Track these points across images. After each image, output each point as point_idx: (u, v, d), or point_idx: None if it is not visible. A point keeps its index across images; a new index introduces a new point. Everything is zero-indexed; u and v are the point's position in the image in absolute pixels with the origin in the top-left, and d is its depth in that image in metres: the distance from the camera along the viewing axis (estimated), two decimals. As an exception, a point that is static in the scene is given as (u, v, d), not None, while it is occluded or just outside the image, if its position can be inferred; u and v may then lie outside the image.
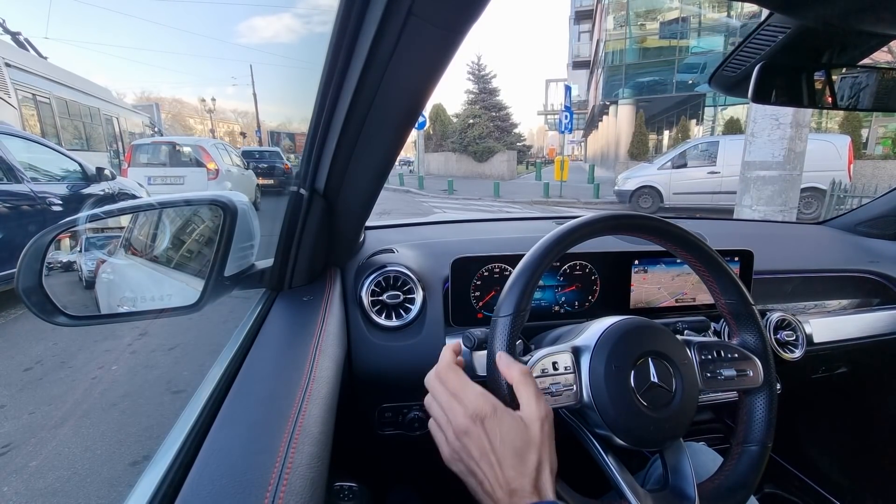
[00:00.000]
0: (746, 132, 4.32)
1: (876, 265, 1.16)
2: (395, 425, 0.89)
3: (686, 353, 0.57)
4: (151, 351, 2.79)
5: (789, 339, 0.95)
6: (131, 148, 7.64)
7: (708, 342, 0.61)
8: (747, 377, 0.59)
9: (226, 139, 20.99)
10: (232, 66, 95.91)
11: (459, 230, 1.25)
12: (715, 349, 0.60)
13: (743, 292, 0.61)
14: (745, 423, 0.60)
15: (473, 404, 0.45)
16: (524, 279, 0.53)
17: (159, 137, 8.91)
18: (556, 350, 0.55)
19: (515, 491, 0.41)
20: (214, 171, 7.10)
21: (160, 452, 0.41)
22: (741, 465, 0.58)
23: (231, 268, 0.70)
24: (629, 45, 17.64)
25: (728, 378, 0.59)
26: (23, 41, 8.75)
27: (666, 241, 0.61)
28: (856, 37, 0.64)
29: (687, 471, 0.53)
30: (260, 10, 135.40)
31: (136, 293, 0.88)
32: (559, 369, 0.54)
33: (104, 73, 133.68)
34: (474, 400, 0.45)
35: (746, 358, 0.60)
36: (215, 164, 7.16)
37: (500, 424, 0.43)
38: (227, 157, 7.84)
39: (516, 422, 0.44)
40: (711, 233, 1.13)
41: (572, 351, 0.56)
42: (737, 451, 0.59)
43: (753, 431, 0.59)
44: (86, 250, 0.85)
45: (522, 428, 0.44)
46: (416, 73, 0.52)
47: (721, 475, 0.58)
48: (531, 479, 0.42)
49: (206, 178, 7.01)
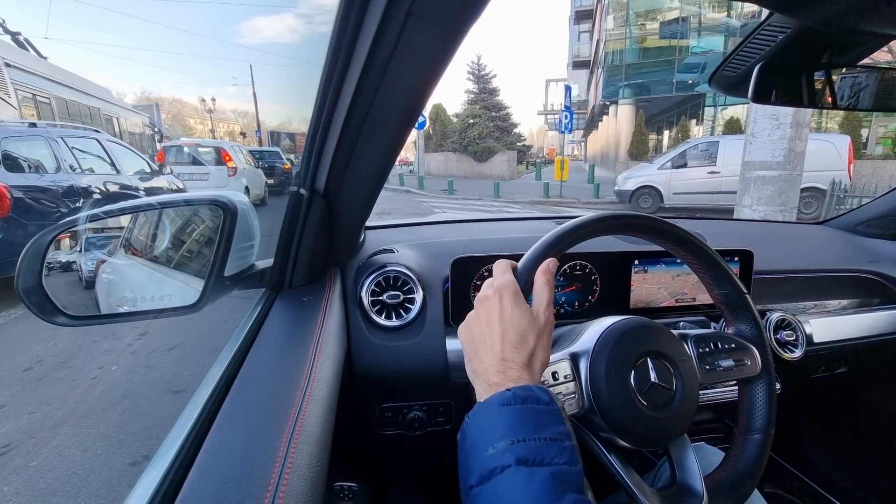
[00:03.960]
0: (746, 132, 4.31)
1: (876, 265, 1.16)
2: (395, 425, 0.89)
3: (685, 351, 0.57)
4: (151, 351, 2.79)
5: (789, 339, 0.95)
6: (162, 150, 8.59)
7: (705, 335, 0.61)
8: (746, 366, 0.59)
9: (226, 139, 21.10)
10: (232, 66, 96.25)
11: (459, 230, 1.25)
12: (712, 341, 0.60)
13: (735, 282, 0.61)
14: (746, 413, 0.60)
15: (500, 280, 0.49)
16: None
17: (185, 140, 9.58)
18: (555, 359, 0.55)
19: (507, 360, 0.43)
20: (233, 168, 7.84)
21: (160, 452, 0.41)
22: (745, 455, 0.58)
23: (231, 268, 0.70)
24: (629, 45, 17.62)
25: (727, 369, 0.59)
26: (23, 41, 8.77)
27: (658, 238, 0.61)
28: (856, 37, 0.64)
29: (693, 466, 0.53)
30: (261, 11, 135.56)
31: (136, 293, 0.88)
32: (559, 378, 0.54)
33: (104, 72, 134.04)
34: (502, 278, 0.49)
35: (743, 347, 0.60)
36: (234, 163, 7.91)
37: (515, 304, 0.46)
38: (242, 157, 8.71)
39: (528, 310, 0.47)
40: (711, 233, 1.13)
41: (570, 357, 0.55)
42: (740, 441, 0.59)
43: (755, 420, 0.59)
44: (86, 250, 0.85)
45: (531, 316, 0.46)
46: (416, 73, 0.52)
47: (727, 466, 0.58)
48: (525, 357, 0.44)
49: (226, 175, 7.72)
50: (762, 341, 0.61)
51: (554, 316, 0.48)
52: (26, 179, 3.80)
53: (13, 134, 3.93)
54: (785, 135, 4.01)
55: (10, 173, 3.66)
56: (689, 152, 8.93)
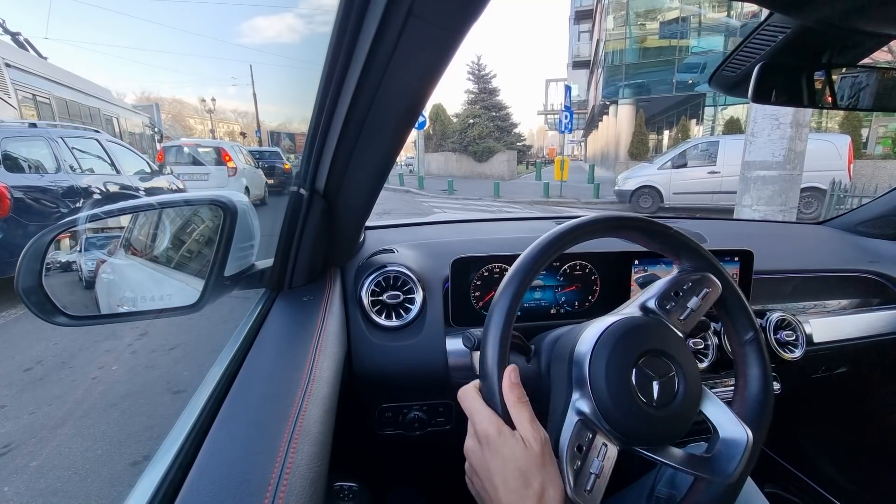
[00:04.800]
0: (746, 132, 4.30)
1: (876, 265, 1.16)
2: (395, 425, 0.89)
3: (685, 347, 0.56)
4: (152, 351, 2.79)
5: (789, 339, 0.95)
6: (162, 150, 8.59)
7: (662, 290, 0.59)
8: (710, 291, 0.59)
9: (226, 139, 21.12)
10: (232, 67, 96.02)
11: (459, 230, 1.25)
12: (671, 291, 0.59)
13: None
14: (731, 326, 0.62)
15: (481, 425, 0.45)
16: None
17: (186, 140, 9.59)
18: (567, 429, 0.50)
19: None
20: (234, 168, 7.85)
21: (160, 452, 0.41)
22: (750, 371, 0.59)
23: (231, 268, 0.70)
24: (629, 45, 17.61)
25: (697, 306, 0.58)
26: (23, 41, 8.79)
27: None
28: (856, 37, 0.63)
29: (728, 415, 0.55)
30: (261, 11, 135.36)
31: (137, 293, 0.88)
32: (583, 450, 0.48)
33: (105, 73, 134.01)
34: (481, 421, 0.45)
35: (699, 279, 0.59)
36: (234, 163, 7.91)
37: (504, 445, 0.43)
38: (242, 157, 8.72)
39: (519, 443, 0.43)
40: (711, 233, 1.13)
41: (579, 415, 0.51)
42: (740, 354, 0.61)
43: (740, 326, 0.61)
44: (85, 250, 0.85)
45: (524, 449, 0.43)
46: (415, 73, 0.52)
47: (739, 397, 0.60)
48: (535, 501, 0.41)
49: (226, 175, 7.71)
50: (706, 258, 0.60)
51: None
52: (26, 180, 3.83)
53: (13, 134, 3.94)
54: (785, 135, 4.01)
55: (10, 173, 3.67)
56: (689, 152, 8.95)
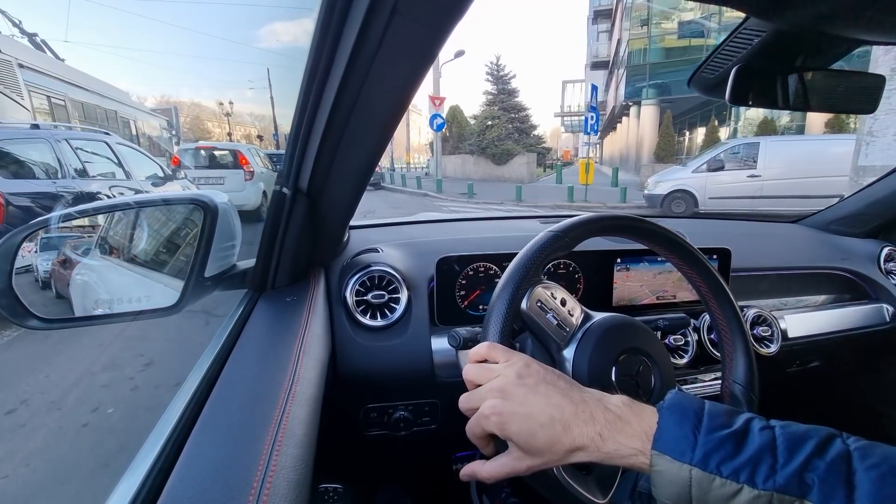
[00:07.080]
0: (861, 131, 3.70)
1: (847, 262, 1.20)
2: (381, 425, 0.88)
3: (663, 348, 0.59)
4: (155, 387, 2.32)
5: (765, 335, 0.98)
6: (177, 153, 8.40)
7: None
8: None
9: (243, 142, 20.59)
10: (249, 70, 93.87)
11: (444, 229, 1.25)
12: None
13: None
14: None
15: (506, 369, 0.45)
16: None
17: (202, 143, 9.36)
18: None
19: (582, 402, 0.41)
20: (250, 172, 7.69)
21: (138, 458, 0.40)
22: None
23: (212, 268, 0.69)
24: (652, 44, 16.76)
25: None
26: (39, 43, 8.58)
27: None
28: (828, 41, 0.66)
29: None
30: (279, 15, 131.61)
31: (113, 295, 0.86)
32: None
33: (126, 76, 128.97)
34: (503, 366, 0.46)
35: None
36: (251, 167, 7.77)
37: (537, 372, 0.44)
38: (259, 160, 8.55)
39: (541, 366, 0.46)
40: (690, 231, 1.15)
41: None
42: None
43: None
44: (41, 250, 0.83)
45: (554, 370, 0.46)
46: (400, 71, 0.52)
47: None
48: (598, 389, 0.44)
49: (243, 178, 7.57)
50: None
51: None
52: (23, 186, 3.54)
53: (12, 136, 3.70)
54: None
55: (6, 179, 3.41)
56: (725, 154, 8.27)
